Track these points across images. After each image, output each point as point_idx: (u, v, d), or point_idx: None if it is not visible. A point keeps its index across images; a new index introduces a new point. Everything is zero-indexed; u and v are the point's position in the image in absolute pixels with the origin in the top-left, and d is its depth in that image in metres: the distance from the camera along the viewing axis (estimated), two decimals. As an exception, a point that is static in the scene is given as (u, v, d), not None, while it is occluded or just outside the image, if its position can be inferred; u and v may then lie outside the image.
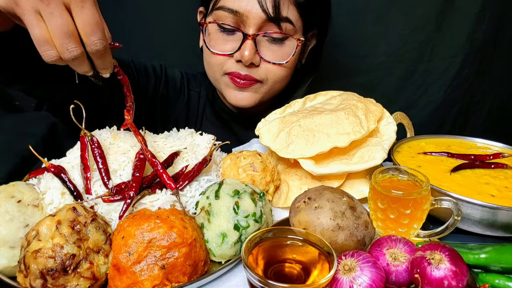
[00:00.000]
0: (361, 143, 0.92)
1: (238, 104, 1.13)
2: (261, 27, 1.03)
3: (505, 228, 0.77)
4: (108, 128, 0.86)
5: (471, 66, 1.82)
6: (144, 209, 0.72)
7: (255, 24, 1.02)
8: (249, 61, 1.04)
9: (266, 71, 1.09)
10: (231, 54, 1.06)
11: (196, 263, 0.67)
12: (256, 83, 1.10)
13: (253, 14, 1.00)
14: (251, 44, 1.02)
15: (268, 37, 1.05)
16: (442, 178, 0.87)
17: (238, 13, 1.01)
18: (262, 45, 1.06)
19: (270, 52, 1.07)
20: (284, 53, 1.08)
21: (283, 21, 1.02)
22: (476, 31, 1.76)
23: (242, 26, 1.03)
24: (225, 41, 1.07)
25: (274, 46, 1.07)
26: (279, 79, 1.12)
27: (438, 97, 1.87)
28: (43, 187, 0.75)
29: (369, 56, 1.79)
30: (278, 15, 1.00)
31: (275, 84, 1.13)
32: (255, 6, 1.00)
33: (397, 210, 0.70)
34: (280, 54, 1.08)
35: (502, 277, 0.65)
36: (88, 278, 0.62)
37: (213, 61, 1.11)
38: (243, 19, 1.01)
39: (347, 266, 0.61)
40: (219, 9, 1.03)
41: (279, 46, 1.07)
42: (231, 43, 1.06)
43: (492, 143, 1.04)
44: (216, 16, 1.05)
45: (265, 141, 0.96)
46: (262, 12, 1.00)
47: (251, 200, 0.73)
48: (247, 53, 1.02)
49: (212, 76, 1.17)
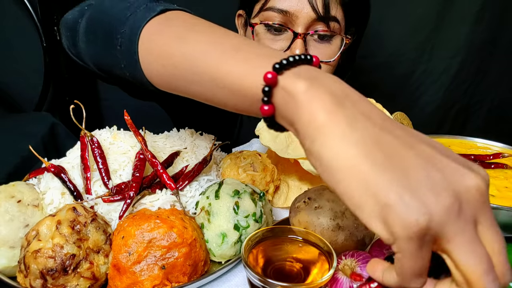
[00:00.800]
0: (361, 143, 0.92)
1: None
2: (309, 26, 1.03)
3: (505, 228, 0.77)
4: (108, 128, 0.86)
5: (470, 66, 1.83)
6: (144, 209, 0.72)
7: (304, 24, 1.02)
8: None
9: None
10: None
11: (196, 263, 0.67)
12: None
13: (303, 13, 1.01)
14: (301, 43, 1.03)
15: (316, 36, 1.06)
16: (442, 178, 0.86)
17: (288, 13, 1.01)
18: (311, 44, 1.07)
19: (318, 50, 1.07)
20: (331, 51, 1.08)
21: (331, 20, 1.03)
22: (476, 31, 1.76)
23: (291, 25, 1.04)
24: (274, 40, 1.07)
25: (321, 45, 1.07)
26: None
27: (438, 97, 1.88)
28: (43, 187, 0.75)
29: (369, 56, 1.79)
30: (328, 14, 1.01)
31: None
32: (305, 6, 1.00)
33: (397, 210, 0.70)
34: (327, 53, 1.08)
35: (502, 277, 0.65)
36: (88, 278, 0.62)
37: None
38: (293, 18, 1.02)
39: (347, 266, 0.61)
40: (268, 10, 1.04)
41: (326, 44, 1.07)
42: (280, 43, 1.06)
43: (492, 143, 1.04)
44: (263, 17, 1.05)
45: (265, 141, 0.96)
46: (312, 12, 1.00)
47: (251, 200, 0.73)
48: (298, 51, 1.02)
49: None
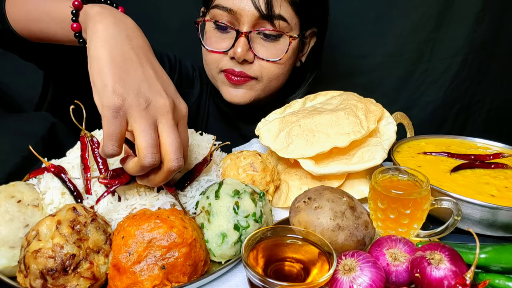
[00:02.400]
0: (361, 143, 0.92)
1: (232, 100, 1.15)
2: (255, 24, 1.05)
3: (505, 228, 0.77)
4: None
5: (471, 66, 1.83)
6: (144, 209, 0.72)
7: (248, 22, 1.04)
8: (241, 57, 1.06)
9: (260, 68, 1.10)
10: (225, 52, 1.09)
11: (196, 263, 0.67)
12: (251, 80, 1.12)
13: (246, 11, 1.03)
14: (244, 41, 1.05)
15: (261, 34, 1.07)
16: (442, 178, 0.87)
17: (232, 11, 1.03)
18: (256, 42, 1.08)
19: (264, 49, 1.09)
20: (278, 50, 1.09)
21: (276, 18, 1.04)
22: (476, 31, 1.76)
23: (237, 24, 1.06)
24: (220, 39, 1.09)
25: (267, 43, 1.08)
26: (274, 76, 1.13)
27: (438, 97, 1.87)
28: (43, 187, 0.75)
29: (369, 56, 1.79)
30: (271, 12, 1.03)
31: (271, 82, 1.14)
32: (248, 4, 1.02)
33: (397, 210, 0.70)
34: (274, 51, 1.09)
35: (502, 277, 0.65)
36: (88, 278, 0.62)
37: (209, 59, 1.14)
38: (237, 17, 1.04)
39: (347, 266, 0.61)
40: (215, 8, 1.06)
41: (273, 43, 1.09)
42: (226, 41, 1.08)
43: (492, 143, 1.04)
44: (212, 15, 1.08)
45: (265, 141, 0.96)
46: (255, 10, 1.02)
47: (251, 200, 0.73)
48: (240, 49, 1.05)
49: (209, 74, 1.19)
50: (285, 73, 1.16)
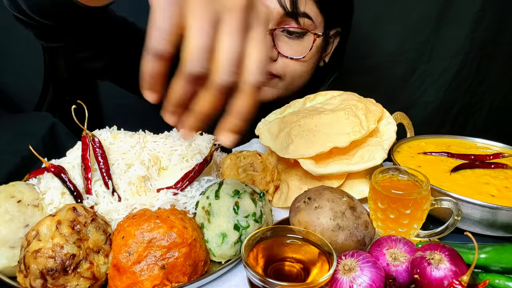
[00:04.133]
0: (361, 143, 0.92)
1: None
2: (279, 22, 1.05)
3: (505, 228, 0.77)
4: (108, 128, 0.86)
5: (471, 66, 1.82)
6: (144, 209, 0.72)
7: (273, 20, 1.03)
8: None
9: (284, 66, 1.10)
10: None
11: (196, 263, 0.67)
12: (274, 78, 1.12)
13: (271, 9, 1.02)
14: (269, 38, 1.04)
15: (286, 32, 1.06)
16: (442, 178, 0.87)
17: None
18: (280, 40, 1.07)
19: (288, 47, 1.08)
20: (302, 48, 1.09)
21: (301, 16, 1.04)
22: (476, 31, 1.76)
23: None
24: None
25: (292, 41, 1.08)
26: (297, 74, 1.13)
27: (438, 97, 1.87)
28: (43, 187, 0.75)
29: (369, 56, 1.79)
30: (296, 10, 1.02)
31: (294, 80, 1.14)
32: (273, 1, 1.02)
33: (397, 210, 0.70)
34: (299, 49, 1.09)
35: (502, 277, 0.65)
36: (88, 278, 0.62)
37: None
38: None
39: (347, 266, 0.61)
40: None
41: (297, 41, 1.08)
42: None
43: (492, 143, 1.04)
44: None
45: (265, 141, 0.96)
46: (280, 7, 1.02)
47: (251, 200, 0.73)
48: None
49: None
50: (309, 72, 1.16)
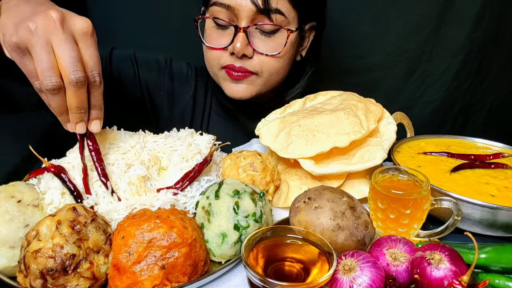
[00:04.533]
0: (361, 143, 0.92)
1: (234, 96, 1.16)
2: (253, 19, 1.06)
3: (505, 228, 0.77)
4: (108, 128, 0.86)
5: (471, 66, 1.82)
6: (144, 209, 0.72)
7: (246, 17, 1.05)
8: (240, 52, 1.07)
9: (260, 62, 1.11)
10: (225, 48, 1.10)
11: (196, 263, 0.67)
12: (251, 75, 1.13)
13: (243, 7, 1.04)
14: (242, 36, 1.06)
15: (259, 29, 1.08)
16: (442, 178, 0.87)
17: (230, 7, 1.05)
18: (255, 37, 1.09)
19: (263, 43, 1.09)
20: (277, 44, 1.10)
21: (274, 12, 1.05)
22: (476, 30, 1.76)
23: (236, 20, 1.07)
24: (220, 35, 1.10)
25: (266, 37, 1.09)
26: (274, 70, 1.14)
27: (438, 97, 1.87)
28: (43, 187, 0.75)
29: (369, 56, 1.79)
30: (268, 7, 1.04)
31: (271, 76, 1.15)
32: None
33: (397, 210, 0.70)
34: (273, 46, 1.10)
35: (502, 277, 0.65)
36: (88, 278, 0.62)
37: (210, 56, 1.15)
38: (236, 12, 1.05)
39: (347, 266, 0.61)
40: (213, 5, 1.08)
41: (271, 37, 1.09)
42: (225, 37, 1.09)
43: (492, 143, 1.04)
44: (211, 12, 1.09)
45: (265, 141, 0.96)
46: (252, 5, 1.03)
47: (251, 200, 0.73)
48: (239, 44, 1.06)
49: (211, 71, 1.20)
50: (285, 67, 1.17)
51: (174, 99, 1.30)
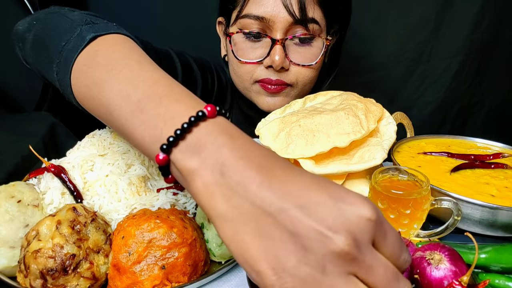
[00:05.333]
0: (361, 143, 0.92)
1: (270, 109, 1.11)
2: (287, 30, 1.02)
3: (505, 228, 0.77)
4: (108, 128, 0.86)
5: (470, 66, 1.83)
6: (144, 209, 0.72)
7: (282, 28, 1.01)
8: (280, 65, 1.03)
9: (296, 74, 1.08)
10: (260, 61, 1.06)
11: (196, 263, 0.67)
12: (287, 87, 1.10)
13: (280, 18, 0.99)
14: (280, 48, 1.02)
15: (296, 40, 1.04)
16: (442, 178, 0.87)
17: (265, 19, 1.00)
18: (290, 49, 1.05)
19: (299, 54, 1.06)
20: (312, 54, 1.07)
21: (310, 22, 1.01)
22: (476, 31, 1.76)
23: (269, 32, 1.03)
24: (253, 49, 1.06)
25: (301, 48, 1.06)
26: (308, 80, 1.12)
27: (437, 97, 1.88)
28: (43, 187, 0.75)
29: (369, 56, 1.79)
30: (305, 17, 1.00)
31: (305, 86, 1.13)
32: (281, 10, 0.99)
33: (397, 210, 0.70)
34: (309, 56, 1.07)
35: (502, 277, 0.65)
36: (88, 278, 0.62)
37: (242, 71, 1.10)
38: (270, 24, 1.00)
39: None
40: (244, 17, 1.02)
41: (306, 47, 1.06)
42: (259, 50, 1.05)
43: (492, 143, 1.04)
44: (241, 25, 1.04)
45: (265, 141, 0.96)
46: (288, 16, 0.99)
47: (251, 200, 0.73)
48: (278, 57, 1.01)
49: (241, 86, 1.15)
50: (317, 76, 1.15)
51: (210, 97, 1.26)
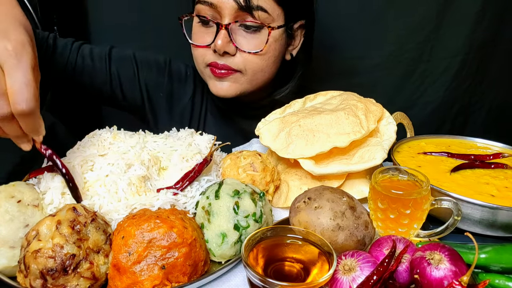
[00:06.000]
0: (361, 143, 0.92)
1: (218, 93, 1.16)
2: (235, 17, 1.06)
3: (505, 228, 0.77)
4: (108, 128, 0.86)
5: (470, 66, 1.82)
6: (144, 209, 0.72)
7: (229, 15, 1.05)
8: (222, 49, 1.07)
9: (243, 60, 1.11)
10: (209, 45, 1.10)
11: (196, 263, 0.67)
12: (235, 72, 1.13)
13: (225, 4, 1.04)
14: (224, 33, 1.06)
15: (242, 26, 1.08)
16: (442, 178, 0.87)
17: (213, 5, 1.05)
18: (238, 34, 1.09)
19: (245, 41, 1.09)
20: (260, 41, 1.09)
21: (256, 9, 1.05)
22: (476, 31, 1.76)
23: (219, 18, 1.07)
24: (204, 33, 1.11)
25: (249, 35, 1.09)
26: (258, 68, 1.14)
27: (437, 97, 1.87)
28: (43, 187, 0.75)
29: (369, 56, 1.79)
30: (250, 4, 1.03)
31: (256, 74, 1.15)
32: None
33: (397, 210, 0.71)
34: (256, 43, 1.09)
35: (502, 277, 0.65)
36: (88, 278, 0.62)
37: (196, 54, 1.16)
38: (219, 10, 1.05)
39: (347, 266, 0.61)
40: (198, 3, 1.08)
41: (254, 35, 1.09)
42: (209, 35, 1.09)
43: (492, 143, 1.04)
44: (196, 10, 1.10)
45: (265, 141, 0.96)
46: (233, 2, 1.03)
47: (251, 200, 0.73)
48: (220, 42, 1.06)
49: (198, 69, 1.21)
50: (270, 66, 1.16)
51: (173, 100, 1.30)
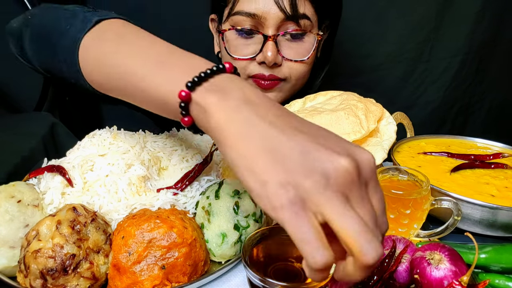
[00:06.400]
0: (361, 143, 0.92)
1: None
2: (279, 26, 1.04)
3: (505, 228, 0.77)
4: (108, 128, 0.86)
5: (470, 65, 1.82)
6: (144, 209, 0.72)
7: (274, 25, 1.02)
8: (272, 61, 1.05)
9: (288, 69, 1.10)
10: (253, 58, 1.08)
11: (196, 263, 0.67)
12: (280, 82, 1.12)
13: (271, 14, 1.01)
14: (272, 45, 1.03)
15: (288, 36, 1.06)
16: (442, 178, 0.87)
17: (256, 16, 1.02)
18: (282, 44, 1.07)
19: (291, 50, 1.08)
20: (304, 49, 1.09)
21: (301, 18, 1.03)
22: (476, 30, 1.76)
23: (261, 28, 1.04)
24: (245, 45, 1.08)
25: (293, 43, 1.08)
26: (301, 75, 1.13)
27: (437, 97, 1.87)
28: (43, 187, 0.75)
29: (369, 56, 1.79)
30: (296, 13, 1.02)
31: (298, 81, 1.15)
32: (272, 7, 1.00)
33: (397, 210, 0.70)
34: (301, 51, 1.09)
35: (502, 277, 0.65)
36: (88, 278, 0.62)
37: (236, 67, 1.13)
38: (262, 21, 1.02)
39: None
40: (236, 14, 1.04)
41: (298, 43, 1.08)
42: (252, 46, 1.07)
43: (492, 143, 1.04)
44: (233, 22, 1.06)
45: (265, 141, 0.96)
46: (280, 12, 1.00)
47: (251, 200, 0.73)
48: (270, 54, 1.03)
49: None
50: (309, 71, 1.16)
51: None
